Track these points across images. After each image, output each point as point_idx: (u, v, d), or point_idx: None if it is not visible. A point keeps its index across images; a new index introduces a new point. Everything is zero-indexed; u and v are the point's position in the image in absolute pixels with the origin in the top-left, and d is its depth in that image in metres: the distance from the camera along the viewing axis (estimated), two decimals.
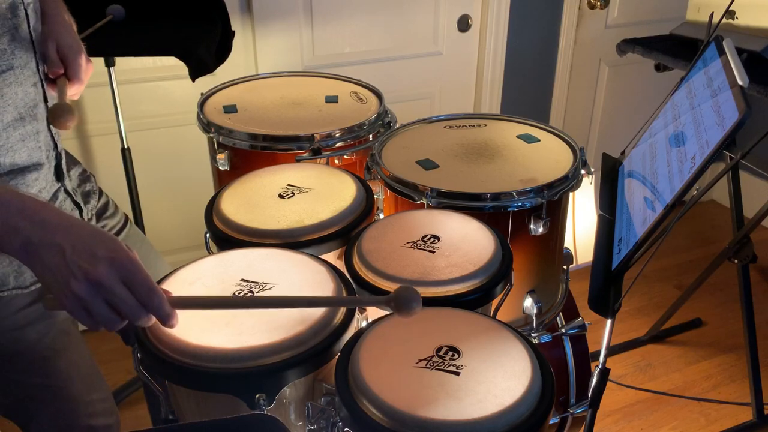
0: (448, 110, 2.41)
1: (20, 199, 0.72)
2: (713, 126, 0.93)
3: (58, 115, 0.98)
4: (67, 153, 1.17)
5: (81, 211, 1.12)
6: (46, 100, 1.01)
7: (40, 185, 1.01)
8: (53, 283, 0.71)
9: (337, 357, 0.85)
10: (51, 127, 1.02)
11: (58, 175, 1.06)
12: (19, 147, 0.95)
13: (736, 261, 1.91)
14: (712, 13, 1.32)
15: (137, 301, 0.72)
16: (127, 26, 1.39)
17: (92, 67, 1.11)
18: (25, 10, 0.94)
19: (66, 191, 1.08)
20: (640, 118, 1.31)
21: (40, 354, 1.06)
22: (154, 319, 0.75)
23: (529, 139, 1.42)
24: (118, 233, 1.24)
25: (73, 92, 1.07)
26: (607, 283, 1.01)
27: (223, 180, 1.46)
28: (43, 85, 1.00)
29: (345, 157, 1.41)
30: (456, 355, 0.82)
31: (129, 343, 1.24)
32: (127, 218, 1.29)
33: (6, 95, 0.92)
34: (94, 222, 1.17)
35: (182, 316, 0.87)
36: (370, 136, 1.44)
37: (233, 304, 0.88)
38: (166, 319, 0.76)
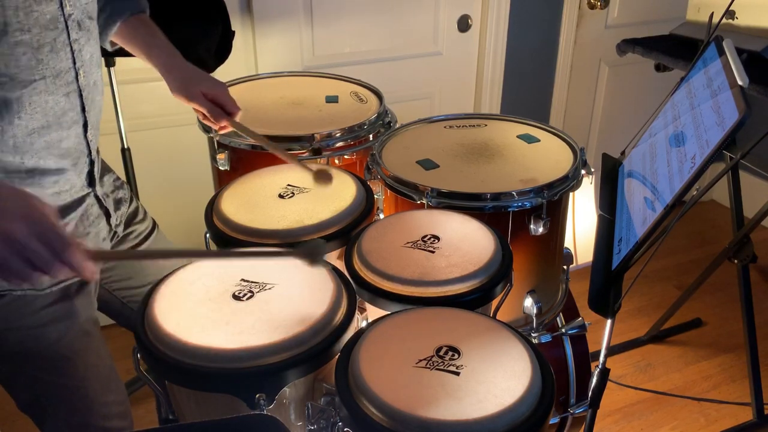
0: (448, 110, 2.41)
1: None
2: (713, 126, 0.93)
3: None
4: (102, 161, 1.19)
5: (109, 216, 1.15)
6: (84, 110, 1.02)
7: (60, 187, 1.03)
8: None
9: (337, 357, 0.85)
10: (88, 135, 1.04)
11: (90, 181, 1.09)
12: (43, 153, 0.98)
13: (736, 261, 1.91)
14: (712, 13, 1.32)
15: (51, 254, 0.75)
16: None
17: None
18: (66, 21, 0.95)
19: (96, 196, 1.11)
20: (640, 118, 1.31)
21: (59, 353, 1.07)
22: (68, 271, 0.77)
23: (529, 139, 1.42)
24: (146, 238, 1.26)
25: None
26: (607, 283, 1.01)
27: (223, 180, 1.46)
28: (81, 96, 1.01)
29: (345, 157, 1.42)
30: (456, 355, 0.82)
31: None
32: (155, 224, 1.32)
33: (34, 103, 0.94)
34: (121, 228, 1.20)
35: (182, 316, 0.87)
36: (370, 136, 1.44)
37: (144, 255, 0.90)
38: (80, 270, 0.77)
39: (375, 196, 1.20)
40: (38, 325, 1.04)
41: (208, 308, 0.88)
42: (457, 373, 0.79)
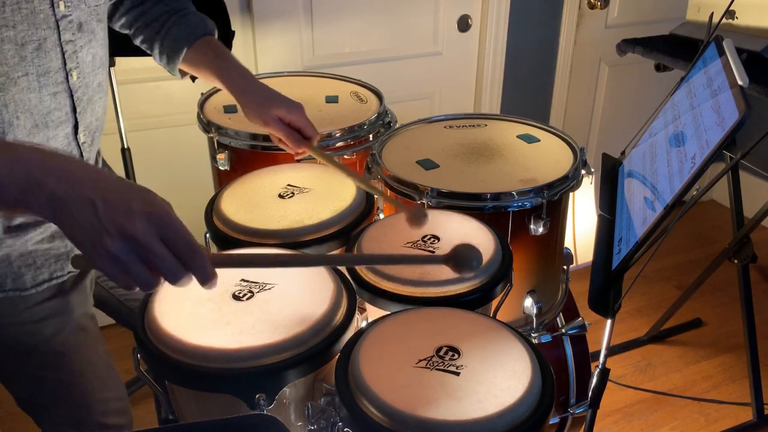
0: (448, 110, 2.41)
1: (41, 154, 0.67)
2: (713, 126, 0.93)
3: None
4: (104, 164, 1.17)
5: None
6: (75, 111, 1.00)
7: None
8: (84, 240, 0.65)
9: (337, 357, 0.85)
10: (79, 136, 1.02)
11: None
12: None
13: (736, 261, 1.91)
14: (712, 13, 1.32)
15: (177, 260, 0.67)
16: None
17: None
18: (57, 22, 0.93)
19: None
20: (640, 118, 1.31)
21: (55, 349, 1.07)
22: (193, 279, 0.70)
23: (529, 139, 1.42)
24: None
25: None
26: (607, 283, 1.01)
27: (223, 180, 1.46)
28: (72, 97, 0.99)
29: (345, 157, 1.42)
30: (456, 355, 0.82)
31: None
32: None
33: (18, 100, 0.92)
34: None
35: (182, 316, 0.87)
36: (370, 136, 1.44)
37: (275, 261, 0.87)
38: (207, 280, 0.69)
39: (375, 197, 1.20)
40: (33, 320, 1.04)
41: (207, 308, 0.88)
42: (457, 373, 0.79)
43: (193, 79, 1.27)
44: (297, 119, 1.16)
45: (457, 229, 1.08)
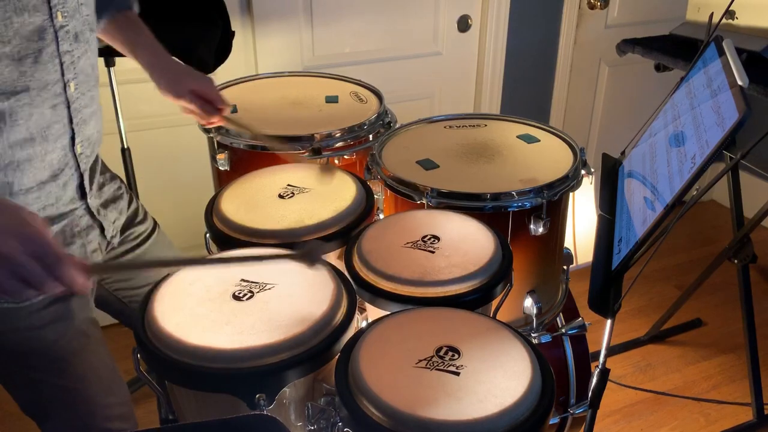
0: (448, 110, 2.41)
1: None
2: (713, 126, 0.93)
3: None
4: (104, 168, 1.17)
5: (103, 229, 1.12)
6: (72, 122, 1.00)
7: (44, 202, 1.00)
8: None
9: (337, 357, 0.85)
10: (75, 147, 1.02)
11: (82, 194, 1.07)
12: (25, 167, 0.95)
13: (736, 261, 1.91)
14: (712, 13, 1.32)
15: (45, 273, 0.74)
16: None
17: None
18: (56, 33, 0.93)
19: (88, 209, 1.08)
20: (640, 118, 1.31)
21: (57, 354, 1.06)
22: (60, 286, 0.76)
23: (529, 139, 1.42)
24: (146, 239, 1.24)
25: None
26: (607, 283, 1.01)
27: (223, 180, 1.46)
28: (69, 107, 0.98)
29: (345, 157, 1.41)
30: (456, 356, 0.82)
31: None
32: (155, 223, 1.30)
33: (17, 115, 0.91)
34: (118, 237, 1.18)
35: (182, 316, 0.87)
36: (370, 136, 1.44)
37: (137, 265, 0.90)
38: (72, 286, 0.76)
39: (375, 196, 1.20)
40: (34, 327, 1.03)
41: (208, 308, 0.88)
42: (457, 374, 0.79)
43: None
44: (208, 91, 1.21)
45: (457, 230, 1.08)
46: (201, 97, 1.21)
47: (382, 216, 1.32)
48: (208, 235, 1.14)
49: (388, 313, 0.93)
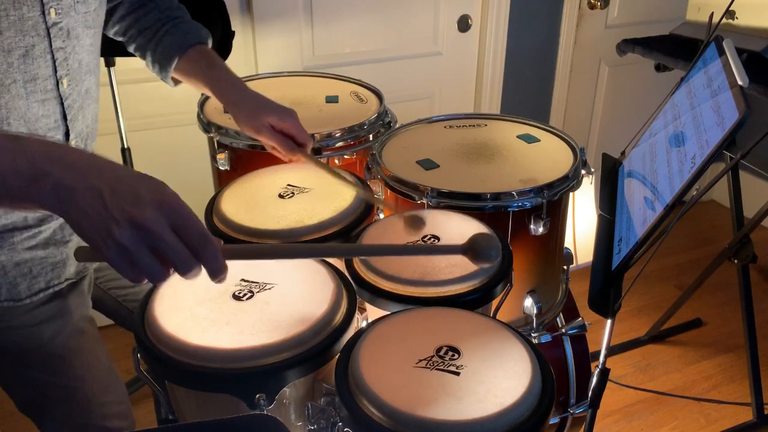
0: (448, 110, 2.41)
1: (45, 144, 0.65)
2: (713, 126, 0.93)
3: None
4: None
5: None
6: (66, 118, 0.99)
7: None
8: (90, 230, 0.63)
9: (337, 357, 0.85)
10: (69, 143, 1.01)
11: None
12: None
13: (736, 261, 1.91)
14: (712, 13, 1.32)
15: (188, 250, 0.64)
16: None
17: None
18: (48, 29, 0.92)
19: None
20: (640, 118, 1.31)
21: (54, 352, 1.06)
22: (203, 270, 0.67)
23: (529, 139, 1.42)
24: None
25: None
26: (607, 283, 1.01)
27: (223, 180, 1.46)
28: (62, 105, 0.98)
29: (345, 157, 1.41)
30: (456, 355, 0.82)
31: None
32: None
33: (12, 107, 0.91)
34: None
35: (182, 315, 0.87)
36: (370, 136, 1.44)
37: (286, 252, 0.83)
38: (218, 272, 0.67)
39: (375, 197, 1.20)
40: (31, 324, 1.03)
41: (208, 308, 0.88)
42: (457, 373, 0.79)
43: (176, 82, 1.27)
44: (289, 126, 1.16)
45: (457, 229, 1.08)
46: (281, 132, 1.16)
47: (382, 216, 1.32)
48: None
49: (388, 313, 0.93)
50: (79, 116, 1.02)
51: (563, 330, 1.43)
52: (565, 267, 1.46)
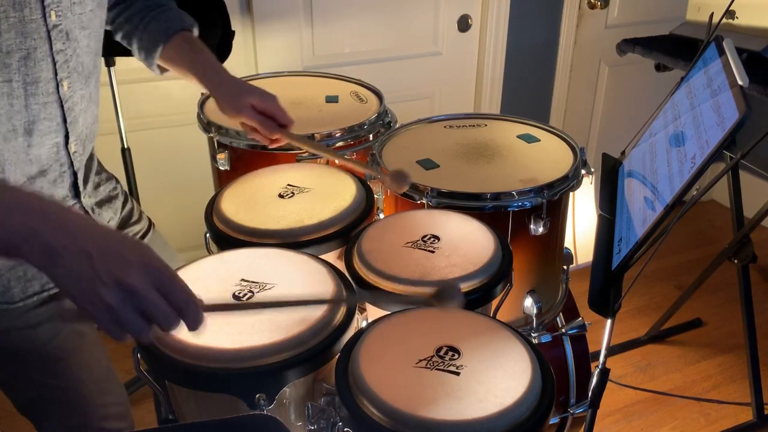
0: (448, 110, 2.41)
1: (40, 202, 0.67)
2: (713, 126, 0.93)
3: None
4: (100, 168, 1.17)
5: None
6: (66, 121, 0.99)
7: None
8: (78, 291, 0.65)
9: (337, 357, 0.85)
10: (69, 146, 1.01)
11: (75, 193, 1.06)
12: (12, 159, 0.94)
13: (736, 261, 1.91)
14: (712, 13, 1.32)
15: (172, 308, 0.67)
16: None
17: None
18: (49, 32, 0.92)
19: (82, 208, 1.08)
20: (640, 118, 1.31)
21: (51, 354, 1.06)
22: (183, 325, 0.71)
23: (529, 139, 1.42)
24: (142, 238, 1.23)
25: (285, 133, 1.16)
26: (607, 283, 1.01)
27: (223, 180, 1.46)
28: (62, 108, 0.98)
29: (345, 156, 1.41)
30: (456, 355, 0.82)
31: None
32: (151, 223, 1.29)
33: (6, 109, 0.90)
34: None
35: None
36: (370, 136, 1.44)
37: (260, 306, 0.86)
38: (197, 326, 0.70)
39: (375, 196, 1.20)
40: (28, 326, 1.03)
41: None
42: (457, 373, 0.79)
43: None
44: (270, 107, 1.17)
45: (457, 229, 1.08)
46: (262, 113, 1.16)
47: (382, 216, 1.32)
48: (208, 234, 1.14)
49: (388, 313, 0.93)
50: (79, 119, 1.02)
51: (563, 330, 1.43)
52: (565, 267, 1.46)
